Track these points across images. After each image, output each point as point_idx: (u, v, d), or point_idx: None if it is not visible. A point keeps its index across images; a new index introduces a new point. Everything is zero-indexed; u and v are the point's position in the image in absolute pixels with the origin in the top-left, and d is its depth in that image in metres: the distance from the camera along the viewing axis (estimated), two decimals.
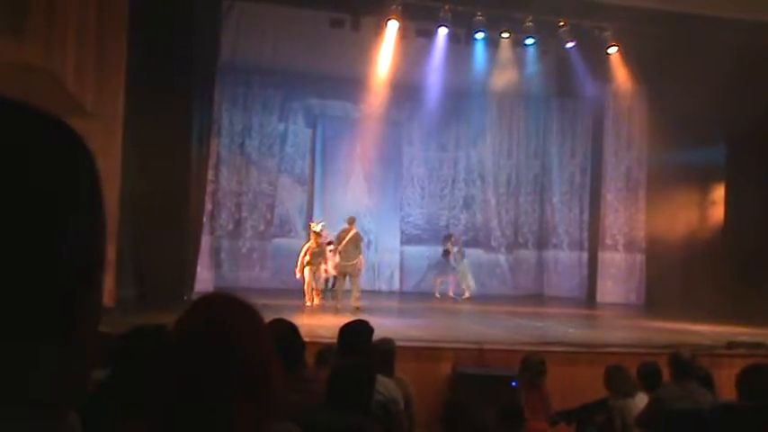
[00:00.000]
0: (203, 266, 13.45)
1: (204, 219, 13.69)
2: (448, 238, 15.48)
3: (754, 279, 13.08)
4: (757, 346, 8.95)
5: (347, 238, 11.96)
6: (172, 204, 11.30)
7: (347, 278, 11.97)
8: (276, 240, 15.75)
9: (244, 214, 15.55)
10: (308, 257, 12.30)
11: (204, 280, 13.31)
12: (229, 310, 1.39)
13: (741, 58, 11.98)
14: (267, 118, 15.79)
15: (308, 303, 12.04)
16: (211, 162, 14.36)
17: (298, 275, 12.43)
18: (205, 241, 14.09)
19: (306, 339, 3.63)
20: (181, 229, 11.58)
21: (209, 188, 14.44)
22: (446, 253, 15.11)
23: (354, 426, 2.44)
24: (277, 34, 14.52)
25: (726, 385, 5.88)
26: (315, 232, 12.45)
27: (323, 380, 2.97)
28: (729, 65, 11.94)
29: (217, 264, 14.95)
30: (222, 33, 13.26)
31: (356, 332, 4.49)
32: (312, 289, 12.28)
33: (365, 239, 15.96)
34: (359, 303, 11.58)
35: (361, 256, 12.10)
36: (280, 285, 14.95)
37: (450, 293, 14.99)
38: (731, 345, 8.89)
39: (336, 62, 14.69)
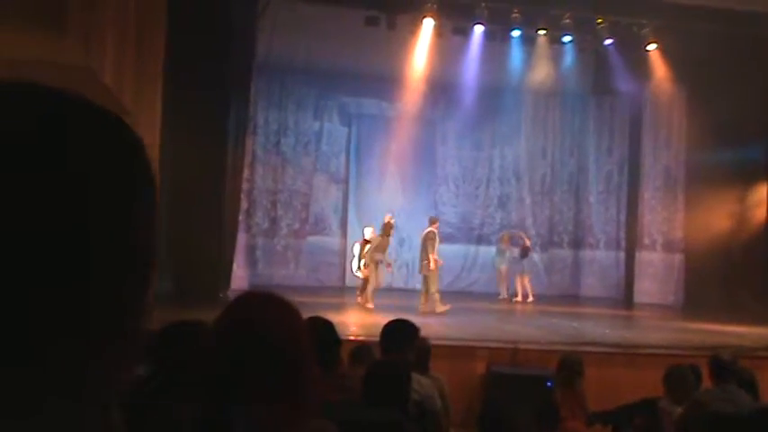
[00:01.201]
0: (239, 264, 13.54)
1: (240, 217, 13.79)
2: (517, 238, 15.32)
3: None
4: None
5: (422, 237, 11.86)
6: (208, 202, 11.42)
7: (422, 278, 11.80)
8: (311, 238, 15.82)
9: (279, 212, 15.64)
10: (378, 254, 12.02)
11: (239, 277, 13.41)
12: (268, 308, 1.39)
13: None
14: (302, 116, 15.87)
15: (370, 305, 11.69)
16: (247, 160, 14.45)
17: (362, 274, 12.17)
18: (241, 239, 14.19)
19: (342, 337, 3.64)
20: (217, 227, 11.70)
21: (245, 186, 14.53)
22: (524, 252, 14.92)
23: (391, 423, 2.44)
24: (312, 33, 14.54)
25: None
26: (390, 224, 12.14)
27: (358, 378, 2.97)
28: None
29: (252, 261, 15.05)
30: (258, 32, 13.34)
31: (400, 331, 4.45)
32: (375, 290, 11.93)
33: (399, 238, 16.03)
34: (442, 307, 11.35)
35: (431, 256, 11.72)
36: (315, 283, 15.04)
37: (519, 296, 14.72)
38: None
39: (371, 60, 14.68)
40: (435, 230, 12.06)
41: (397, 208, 16.04)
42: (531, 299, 14.43)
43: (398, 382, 2.66)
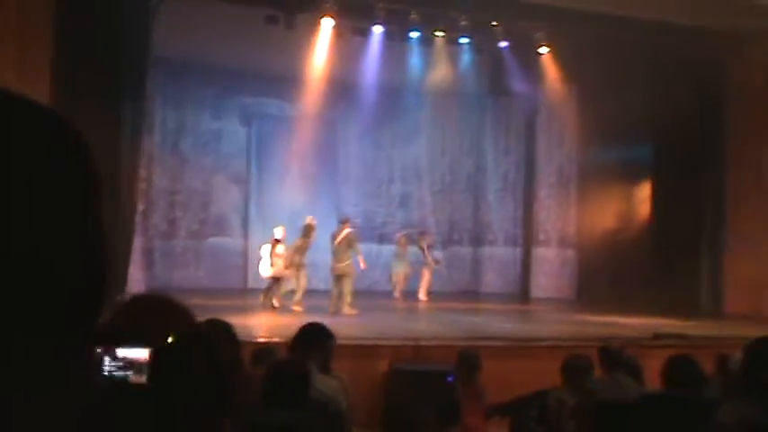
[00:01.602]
0: (136, 267, 13.17)
1: (137, 218, 13.39)
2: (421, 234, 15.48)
3: (678, 273, 13.55)
4: (682, 337, 9.30)
5: (339, 238, 11.71)
6: (101, 204, 11.02)
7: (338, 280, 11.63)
8: (211, 240, 15.56)
9: (178, 213, 15.31)
10: (298, 257, 11.85)
11: (137, 280, 13.04)
12: (159, 311, 1.38)
13: (665, 59, 12.41)
14: (201, 116, 15.57)
15: (298, 308, 11.52)
16: (143, 161, 14.05)
17: (272, 273, 12.06)
18: (138, 241, 13.78)
19: (244, 340, 3.62)
20: (112, 229, 11.31)
21: (142, 187, 14.12)
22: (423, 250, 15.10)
23: (291, 424, 2.45)
24: (210, 31, 14.27)
25: (653, 375, 6.09)
26: (311, 226, 12.00)
27: (259, 379, 2.96)
28: (655, 66, 12.35)
29: (150, 264, 14.66)
30: (153, 28, 12.98)
31: (311, 334, 4.49)
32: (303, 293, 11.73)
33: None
34: (351, 310, 11.32)
35: (354, 258, 11.70)
36: (216, 285, 14.77)
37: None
38: (657, 336, 9.21)
39: (271, 60, 14.57)
40: (352, 230, 12.04)
41: (300, 208, 15.95)
42: (424, 298, 14.62)
43: (298, 382, 2.67)
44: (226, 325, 2.94)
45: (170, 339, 1.39)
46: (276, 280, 12.28)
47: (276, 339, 6.86)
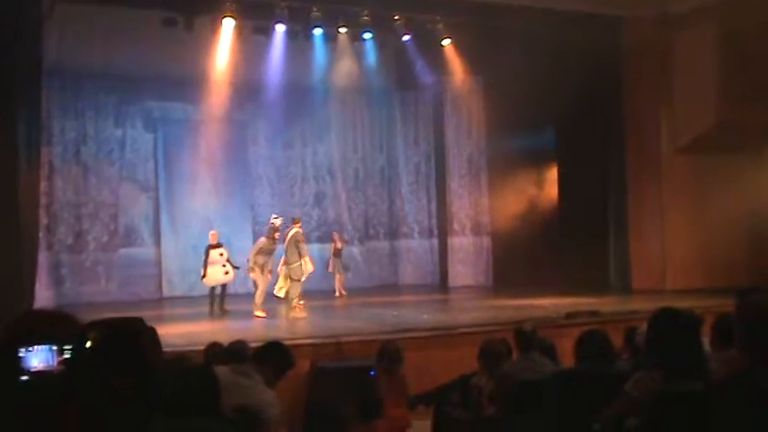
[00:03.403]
0: (42, 284, 12.67)
1: (40, 233, 12.88)
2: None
3: (587, 252, 14.01)
4: (592, 314, 9.62)
5: (287, 238, 11.47)
6: (1, 221, 10.55)
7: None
8: (122, 251, 15.10)
9: (85, 226, 14.79)
10: (261, 258, 11.62)
11: (45, 298, 12.57)
12: (47, 327, 1.34)
13: (563, 45, 12.77)
14: (103, 124, 15.07)
15: (261, 314, 11.33)
16: (44, 173, 13.53)
17: (219, 281, 12.05)
18: (43, 257, 13.28)
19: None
20: (13, 246, 10.82)
21: (44, 201, 13.61)
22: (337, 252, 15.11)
23: (200, 430, 2.40)
24: (107, 36, 13.85)
25: (567, 353, 6.27)
26: (275, 227, 11.69)
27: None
28: (554, 53, 12.69)
29: (58, 280, 14.15)
30: (45, 36, 12.49)
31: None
32: (262, 294, 11.51)
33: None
34: (299, 313, 11.15)
35: (304, 259, 11.41)
36: (129, 297, 14.40)
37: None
38: (570, 315, 9.50)
39: (173, 63, 14.23)
40: (301, 230, 11.86)
41: (213, 213, 15.72)
42: (341, 294, 14.73)
43: (205, 390, 2.62)
44: (149, 327, 2.84)
45: (89, 342, 1.35)
46: (223, 286, 12.27)
47: (192, 348, 6.72)
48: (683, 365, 3.38)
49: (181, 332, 9.46)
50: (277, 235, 11.83)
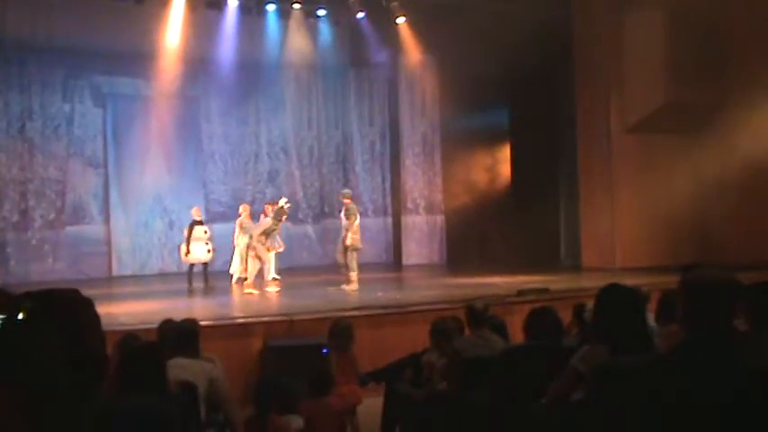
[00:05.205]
0: None
1: None
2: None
3: (538, 231, 14.20)
4: (543, 291, 9.77)
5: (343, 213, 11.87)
6: None
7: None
8: (69, 228, 14.79)
9: (30, 203, 14.44)
10: (263, 238, 11.66)
11: None
12: None
13: (514, 23, 12.83)
14: (49, 98, 14.67)
15: (254, 291, 11.39)
16: None
17: (202, 259, 12.00)
18: None
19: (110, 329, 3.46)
20: None
21: None
22: None
23: (144, 408, 2.37)
24: (52, 8, 13.48)
25: (518, 330, 6.36)
26: (283, 210, 11.75)
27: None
28: (505, 31, 12.74)
29: (3, 259, 13.83)
30: None
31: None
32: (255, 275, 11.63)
33: (168, 220, 15.49)
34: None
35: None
36: (77, 275, 14.14)
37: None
38: (521, 293, 9.63)
39: (122, 38, 13.92)
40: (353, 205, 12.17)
41: (164, 190, 15.50)
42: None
43: (152, 367, 2.59)
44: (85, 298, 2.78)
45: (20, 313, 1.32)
46: (205, 264, 12.17)
47: (142, 326, 6.64)
48: (629, 340, 3.45)
49: (131, 311, 9.34)
50: (284, 218, 11.81)
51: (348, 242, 11.73)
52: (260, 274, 11.89)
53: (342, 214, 11.98)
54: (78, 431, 1.37)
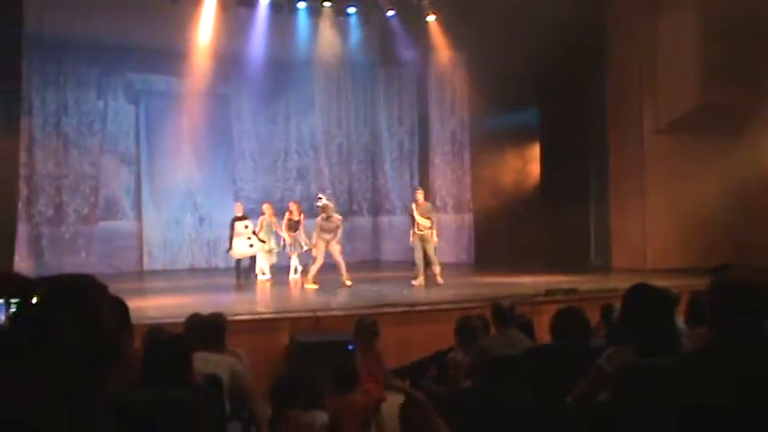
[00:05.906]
0: (22, 256, 12.61)
1: (20, 205, 12.79)
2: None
3: (568, 231, 14.09)
4: (571, 291, 9.69)
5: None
6: None
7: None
8: (102, 224, 15.02)
9: (65, 198, 14.69)
10: (325, 234, 11.79)
11: (24, 269, 12.47)
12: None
13: (546, 22, 12.72)
14: (84, 95, 14.92)
15: (314, 286, 11.51)
16: (23, 144, 13.42)
17: (243, 254, 12.17)
18: (23, 229, 13.21)
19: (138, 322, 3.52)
20: None
21: (23, 173, 13.52)
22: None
23: (170, 400, 2.41)
24: (88, 7, 13.68)
25: (545, 330, 6.33)
26: (327, 206, 11.88)
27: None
28: (537, 30, 12.64)
29: (38, 252, 14.06)
30: (26, 6, 12.31)
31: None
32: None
33: (198, 216, 15.67)
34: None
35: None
36: (109, 270, 14.32)
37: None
38: (549, 292, 9.56)
39: (156, 35, 14.11)
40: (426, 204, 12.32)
41: (195, 187, 15.68)
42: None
43: (177, 360, 2.62)
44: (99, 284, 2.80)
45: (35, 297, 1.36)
46: (253, 258, 12.31)
47: (170, 320, 6.72)
48: (656, 341, 3.41)
49: (160, 305, 9.45)
50: (329, 212, 11.80)
51: (435, 239, 12.12)
52: (305, 269, 12.08)
53: (414, 212, 12.05)
54: (91, 410, 1.39)
